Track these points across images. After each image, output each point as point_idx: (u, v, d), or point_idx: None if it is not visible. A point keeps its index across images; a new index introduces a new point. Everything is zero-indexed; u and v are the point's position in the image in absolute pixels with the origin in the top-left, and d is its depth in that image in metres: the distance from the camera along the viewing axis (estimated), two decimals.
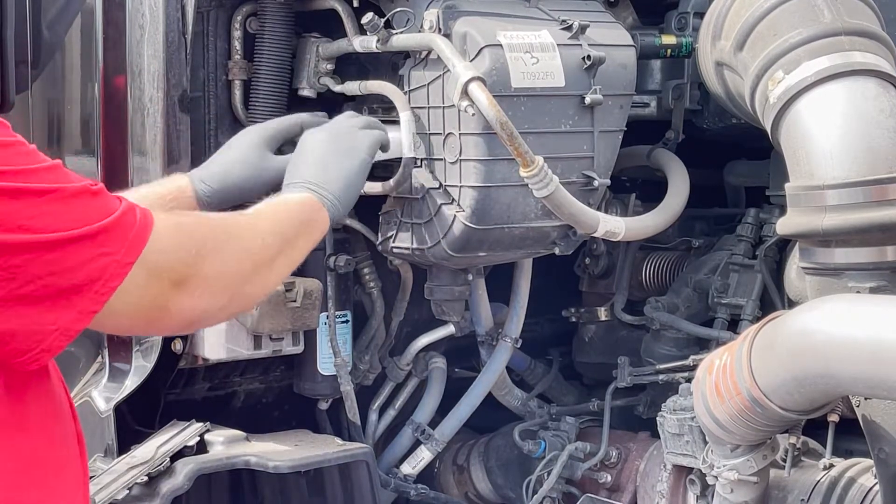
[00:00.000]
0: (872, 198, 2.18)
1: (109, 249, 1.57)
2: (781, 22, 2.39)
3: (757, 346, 2.17)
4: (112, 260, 1.57)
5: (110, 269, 1.57)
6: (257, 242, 1.88)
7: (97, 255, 1.56)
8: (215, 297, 1.77)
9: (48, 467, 1.66)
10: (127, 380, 2.68)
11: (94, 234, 1.55)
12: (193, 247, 1.73)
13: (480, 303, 2.98)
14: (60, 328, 1.56)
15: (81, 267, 1.54)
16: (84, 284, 1.55)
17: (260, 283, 1.89)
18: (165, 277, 1.67)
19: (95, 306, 1.57)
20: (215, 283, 1.76)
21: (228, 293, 1.79)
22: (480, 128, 2.43)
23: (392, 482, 2.96)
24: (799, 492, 2.41)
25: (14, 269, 1.50)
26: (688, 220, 3.10)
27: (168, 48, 2.58)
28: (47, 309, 1.54)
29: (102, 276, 1.56)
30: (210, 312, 1.78)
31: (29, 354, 1.56)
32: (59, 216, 1.53)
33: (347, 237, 2.84)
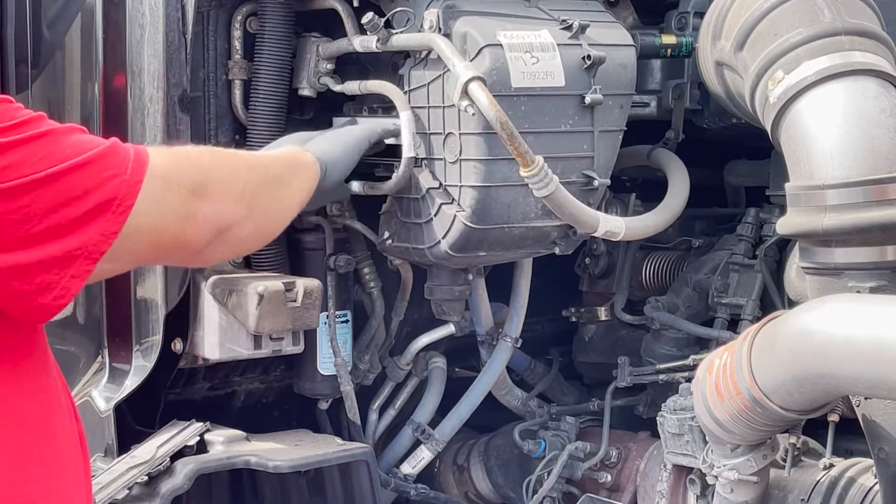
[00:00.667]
0: (873, 197, 2.18)
1: (115, 171, 1.62)
2: (781, 22, 2.39)
3: (757, 345, 2.17)
4: (121, 181, 1.62)
5: (123, 189, 1.62)
6: (258, 161, 2.04)
7: (104, 178, 1.60)
8: (234, 204, 1.85)
9: (47, 464, 1.66)
10: (127, 379, 2.68)
11: (94, 159, 1.60)
12: (196, 161, 1.82)
13: (480, 302, 2.98)
14: (85, 252, 1.59)
15: (92, 192, 1.59)
16: (100, 206, 1.59)
17: (274, 197, 2.01)
18: (182, 187, 1.73)
19: (116, 226, 1.61)
20: (230, 188, 1.85)
21: (245, 200, 1.88)
22: (480, 127, 2.43)
23: (392, 482, 2.96)
24: (799, 491, 2.41)
25: (25, 209, 1.54)
26: (688, 220, 3.10)
27: (168, 48, 2.58)
28: (69, 237, 1.57)
29: (117, 196, 1.61)
30: (234, 219, 1.85)
31: (59, 286, 1.58)
32: (55, 153, 1.57)
33: (347, 237, 2.84)
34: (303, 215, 2.76)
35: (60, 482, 1.69)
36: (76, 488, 1.72)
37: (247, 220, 1.89)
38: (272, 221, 2.07)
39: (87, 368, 2.79)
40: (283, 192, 2.09)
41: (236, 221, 1.86)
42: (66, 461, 1.71)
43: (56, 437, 1.69)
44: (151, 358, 2.65)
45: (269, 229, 2.08)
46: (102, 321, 2.76)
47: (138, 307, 2.68)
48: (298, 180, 2.20)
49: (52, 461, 1.68)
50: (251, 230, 1.93)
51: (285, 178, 2.13)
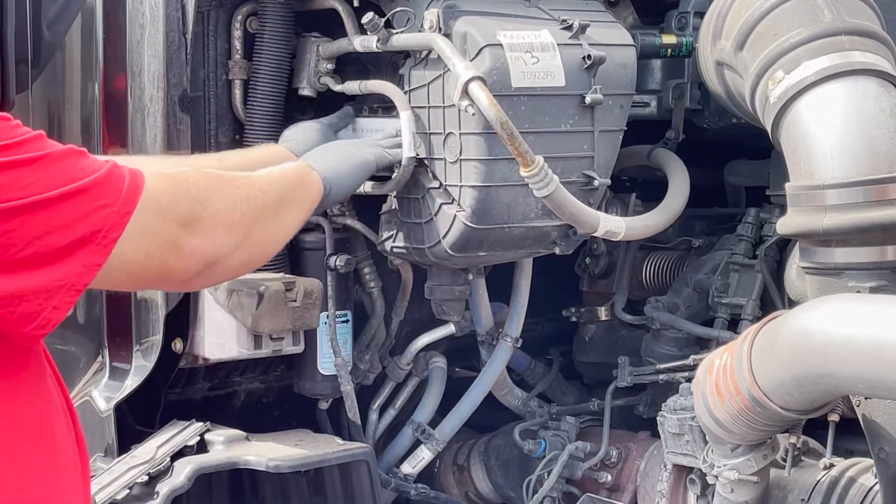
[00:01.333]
0: (873, 197, 2.18)
1: (105, 202, 1.59)
2: (781, 22, 2.39)
3: (757, 345, 2.17)
4: (110, 211, 1.59)
5: (110, 221, 1.59)
6: (257, 188, 1.96)
7: (93, 208, 1.58)
8: (226, 235, 1.81)
9: (45, 470, 1.66)
10: (127, 379, 2.68)
11: (85, 188, 1.58)
12: (194, 190, 1.78)
13: (481, 302, 2.98)
14: (67, 283, 1.57)
15: (78, 222, 1.56)
16: (85, 238, 1.57)
17: (269, 228, 1.95)
18: (172, 218, 1.70)
19: (100, 258, 1.59)
20: (223, 220, 1.81)
21: (239, 232, 1.84)
22: (481, 127, 2.43)
23: (392, 482, 2.96)
24: (799, 491, 2.41)
25: (9, 233, 1.52)
26: (688, 220, 3.10)
27: (168, 48, 2.58)
28: (52, 267, 1.55)
29: (103, 228, 1.59)
30: (224, 251, 1.81)
31: (40, 317, 1.57)
32: (48, 179, 1.55)
33: (348, 237, 2.84)
34: None
35: (58, 489, 1.68)
36: (74, 494, 1.72)
37: (238, 250, 1.85)
38: (264, 251, 2.02)
39: (88, 368, 2.79)
40: (280, 221, 2.04)
41: (226, 253, 1.82)
42: (64, 467, 1.70)
43: (54, 443, 1.69)
44: (152, 358, 2.65)
45: (260, 258, 2.03)
46: (103, 321, 2.76)
47: (138, 307, 2.68)
48: (297, 205, 2.15)
49: (50, 468, 1.67)
50: (242, 261, 1.90)
51: (285, 204, 2.07)
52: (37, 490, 1.65)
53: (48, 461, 1.67)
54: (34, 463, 1.65)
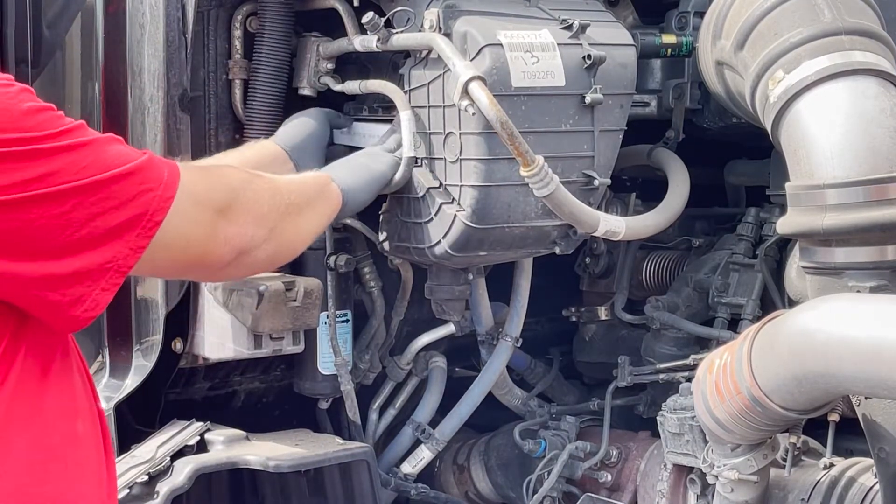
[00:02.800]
0: (873, 197, 2.18)
1: (149, 185, 1.65)
2: (782, 21, 2.39)
3: (757, 345, 2.17)
4: (154, 195, 1.65)
5: (155, 203, 1.65)
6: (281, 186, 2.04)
7: (139, 191, 1.63)
8: (257, 226, 1.89)
9: (68, 462, 1.69)
10: (127, 379, 2.68)
11: (132, 171, 1.63)
12: (225, 180, 1.86)
13: (481, 302, 2.98)
14: (115, 265, 1.62)
15: (126, 204, 1.61)
16: (132, 220, 1.62)
17: (293, 224, 2.03)
18: (209, 206, 1.77)
19: (144, 241, 1.64)
20: (255, 211, 1.89)
21: (268, 224, 1.92)
22: (481, 127, 2.43)
23: (392, 481, 2.96)
24: (799, 491, 2.41)
25: (66, 215, 1.57)
26: (688, 220, 3.10)
27: (168, 47, 2.58)
28: (102, 249, 1.60)
29: (148, 211, 1.64)
30: (255, 241, 1.88)
31: (90, 299, 1.61)
32: (98, 162, 1.60)
33: (348, 236, 2.84)
34: None
35: (80, 483, 1.70)
36: (96, 490, 1.73)
37: (266, 243, 1.92)
38: (289, 248, 2.10)
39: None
40: (303, 222, 2.12)
41: (257, 244, 1.89)
42: (87, 462, 1.73)
43: (78, 438, 1.71)
44: (152, 357, 2.65)
45: (285, 255, 2.10)
46: (103, 321, 2.76)
47: (138, 307, 2.68)
48: (318, 211, 2.23)
49: (73, 461, 1.70)
50: (269, 254, 1.96)
51: (308, 205, 2.16)
52: (58, 482, 1.67)
53: (72, 455, 1.70)
54: (57, 455, 1.67)
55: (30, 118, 1.56)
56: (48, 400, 1.67)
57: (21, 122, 1.55)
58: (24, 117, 1.56)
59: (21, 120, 1.55)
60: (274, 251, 1.98)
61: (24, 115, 1.56)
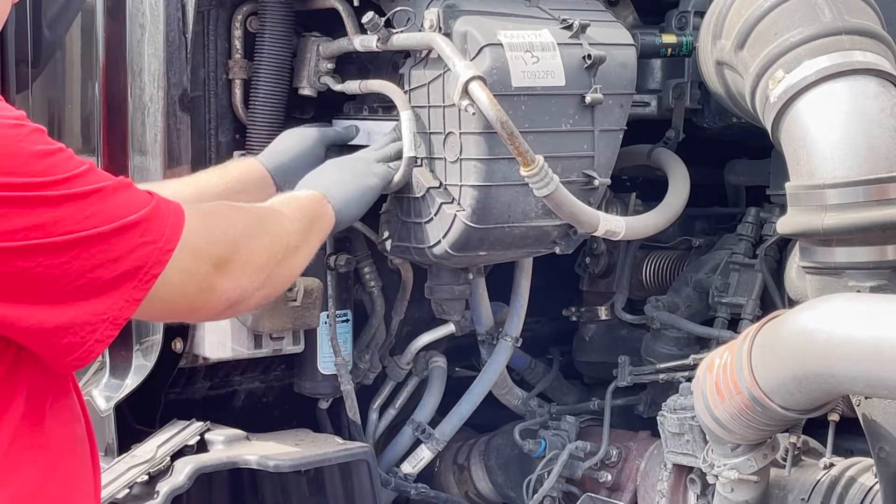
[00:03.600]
0: (873, 197, 2.18)
1: (150, 238, 1.63)
2: (782, 21, 2.39)
3: (757, 345, 2.17)
4: (154, 248, 1.63)
5: (153, 257, 1.63)
6: (284, 228, 2.02)
7: (139, 243, 1.62)
8: (252, 278, 1.86)
9: (63, 481, 1.69)
10: (127, 379, 2.68)
11: (135, 223, 1.62)
12: (228, 230, 1.83)
13: (481, 302, 2.98)
14: (110, 317, 1.60)
15: (126, 256, 1.60)
16: (129, 272, 1.61)
17: (287, 267, 2.00)
18: (207, 260, 1.75)
19: (140, 293, 1.62)
20: (252, 263, 1.86)
21: (264, 274, 1.89)
22: (481, 127, 2.43)
23: (392, 481, 2.96)
24: (799, 491, 2.41)
25: (64, 265, 1.55)
26: (688, 220, 3.10)
27: (168, 47, 2.58)
28: (97, 300, 1.59)
29: (146, 264, 1.62)
30: (248, 292, 1.86)
31: (83, 348, 1.60)
32: (104, 212, 1.59)
33: (348, 236, 2.84)
34: None
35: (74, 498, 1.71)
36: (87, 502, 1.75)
37: (259, 291, 1.90)
38: (281, 287, 2.08)
39: (88, 368, 2.79)
40: (298, 261, 2.08)
41: (251, 294, 1.88)
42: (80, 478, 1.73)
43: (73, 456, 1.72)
44: (152, 357, 2.65)
45: (276, 294, 2.08)
46: None
47: None
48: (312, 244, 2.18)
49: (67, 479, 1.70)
50: (260, 299, 1.95)
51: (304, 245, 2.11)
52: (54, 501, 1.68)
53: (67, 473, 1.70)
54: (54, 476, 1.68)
55: (38, 162, 1.54)
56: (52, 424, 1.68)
57: (29, 167, 1.53)
58: (33, 161, 1.54)
59: (29, 164, 1.53)
60: (266, 295, 1.96)
61: (33, 158, 1.54)
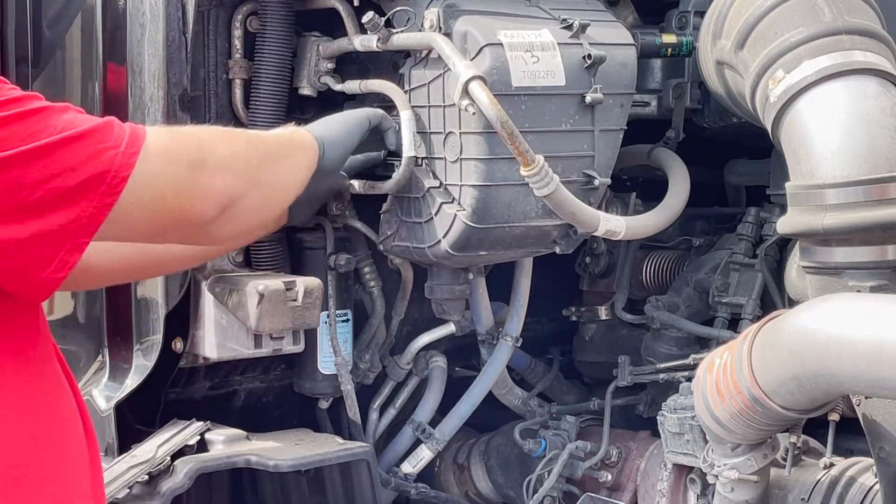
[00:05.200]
0: (873, 197, 2.18)
1: (109, 144, 1.64)
2: (782, 21, 2.39)
3: (758, 344, 2.17)
4: (116, 153, 1.64)
5: (117, 161, 1.64)
6: (259, 136, 2.03)
7: (98, 150, 1.62)
8: (235, 179, 1.86)
9: (53, 447, 1.69)
10: (127, 379, 2.68)
11: (88, 132, 1.63)
12: (195, 139, 1.83)
13: (481, 302, 2.98)
14: (81, 223, 1.61)
15: (85, 163, 1.61)
16: (94, 178, 1.61)
17: (272, 174, 2.00)
18: (181, 162, 1.76)
19: (110, 198, 1.62)
20: (231, 165, 1.86)
21: (247, 174, 1.89)
22: (481, 127, 2.43)
23: (392, 481, 2.96)
24: (799, 491, 2.41)
25: (16, 178, 1.56)
26: (688, 219, 3.10)
27: (168, 47, 2.58)
28: (65, 210, 1.60)
29: (111, 169, 1.63)
30: (235, 193, 1.85)
31: (57, 258, 1.61)
32: (47, 128, 1.60)
33: (348, 236, 2.84)
34: None
35: (65, 466, 1.71)
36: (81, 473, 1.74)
37: (250, 194, 1.89)
38: (274, 196, 2.06)
39: (88, 368, 2.79)
40: (284, 167, 2.09)
41: (240, 195, 1.86)
42: (70, 445, 1.73)
43: (63, 424, 1.72)
44: (152, 357, 2.65)
45: (272, 205, 2.07)
46: (103, 320, 2.76)
47: (139, 306, 2.68)
48: (297, 156, 2.19)
49: (58, 447, 1.70)
50: (255, 203, 1.93)
51: (285, 153, 2.12)
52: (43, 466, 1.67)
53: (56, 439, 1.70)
54: (44, 441, 1.68)
55: None
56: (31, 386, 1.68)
57: None
58: None
59: None
60: (260, 200, 1.95)
61: None
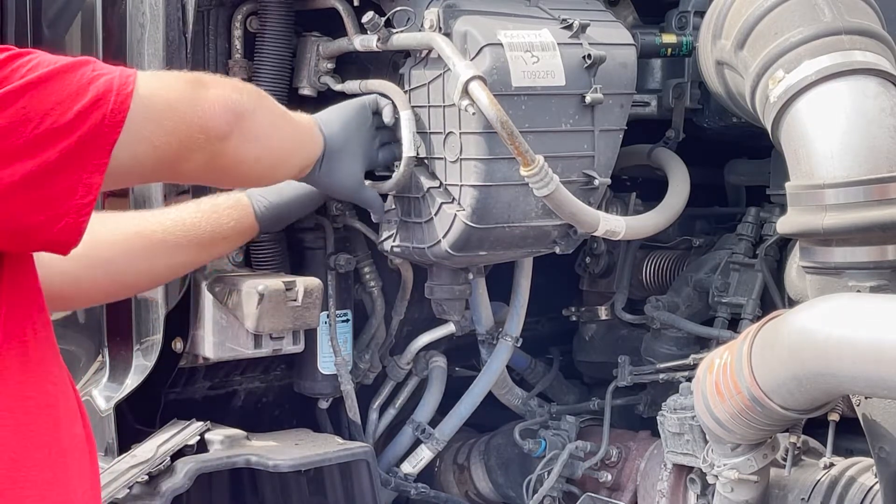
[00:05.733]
0: (873, 197, 2.18)
1: (105, 71, 1.66)
2: (782, 21, 2.40)
3: (757, 344, 2.17)
4: (113, 76, 1.65)
5: (118, 80, 1.65)
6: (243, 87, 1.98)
7: (96, 75, 1.64)
8: (239, 93, 1.87)
9: (51, 450, 1.68)
10: (127, 379, 2.68)
11: (82, 63, 1.65)
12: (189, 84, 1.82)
13: (481, 302, 2.98)
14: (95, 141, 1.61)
15: (87, 87, 1.62)
16: (97, 99, 1.62)
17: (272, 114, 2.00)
18: (179, 81, 1.78)
19: (120, 114, 1.63)
20: (226, 84, 1.88)
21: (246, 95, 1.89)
22: (481, 127, 2.43)
23: (392, 481, 2.96)
24: (799, 491, 2.41)
25: (21, 111, 1.56)
26: (688, 219, 3.10)
27: (168, 47, 2.58)
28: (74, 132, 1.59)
29: (111, 88, 1.64)
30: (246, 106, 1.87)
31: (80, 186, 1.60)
32: (42, 64, 1.61)
33: (348, 236, 2.84)
34: None
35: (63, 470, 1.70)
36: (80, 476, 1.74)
37: (258, 111, 1.90)
38: (282, 122, 2.07)
39: (88, 368, 2.79)
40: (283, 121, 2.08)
41: (249, 109, 1.87)
42: (70, 450, 1.73)
43: (60, 425, 1.71)
44: (152, 357, 2.65)
45: (284, 131, 2.07)
46: (103, 320, 2.76)
47: (138, 306, 2.68)
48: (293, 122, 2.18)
49: (56, 448, 1.70)
50: (269, 120, 1.94)
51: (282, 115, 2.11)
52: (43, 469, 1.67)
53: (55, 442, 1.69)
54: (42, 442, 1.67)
55: None
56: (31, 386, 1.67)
57: None
58: None
59: None
60: (271, 120, 1.96)
61: None
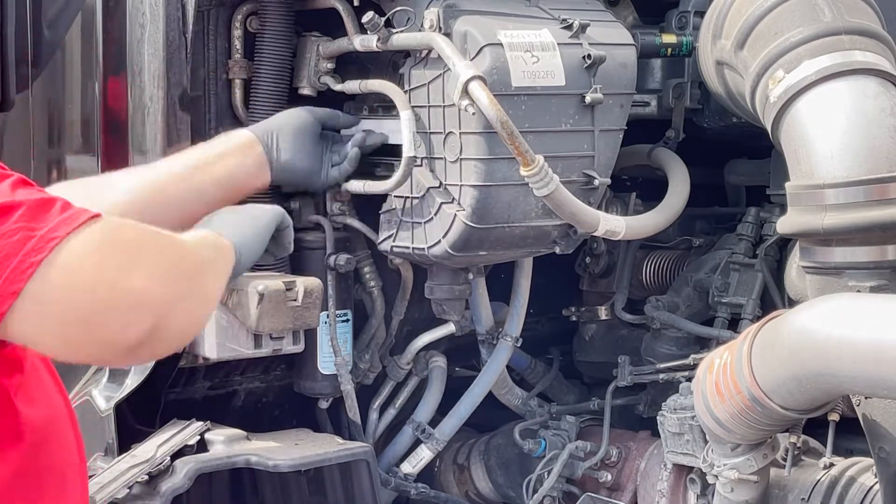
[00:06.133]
0: (873, 197, 2.18)
1: (33, 225, 1.51)
2: (782, 21, 2.40)
3: (757, 344, 2.17)
4: (40, 235, 1.51)
5: (37, 244, 1.50)
6: (182, 244, 1.79)
7: (18, 227, 1.50)
8: (170, 284, 1.66)
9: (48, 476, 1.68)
10: (127, 379, 2.68)
11: (16, 205, 1.51)
12: (125, 258, 1.63)
13: (481, 302, 2.98)
14: None
15: None
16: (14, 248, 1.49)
17: (203, 282, 1.79)
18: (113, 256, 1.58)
19: (35, 256, 1.49)
20: (163, 263, 1.67)
21: (180, 282, 1.69)
22: (481, 127, 2.43)
23: (392, 481, 2.96)
24: (799, 491, 2.41)
25: None
26: (688, 219, 3.10)
27: (168, 47, 2.58)
28: None
29: (23, 249, 1.50)
30: (166, 310, 1.63)
31: None
32: None
33: (348, 236, 2.84)
34: (302, 214, 2.76)
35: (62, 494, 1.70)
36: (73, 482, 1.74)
37: (180, 307, 1.67)
38: (204, 305, 1.80)
39: (88, 368, 2.79)
40: (210, 277, 1.84)
41: (169, 311, 1.64)
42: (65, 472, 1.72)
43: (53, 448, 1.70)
44: None
45: (202, 314, 1.81)
46: None
47: None
48: (218, 266, 1.92)
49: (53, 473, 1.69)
50: (191, 312, 1.71)
51: (210, 260, 1.87)
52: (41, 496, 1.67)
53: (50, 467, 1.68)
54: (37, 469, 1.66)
55: None
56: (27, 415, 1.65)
57: None
58: None
59: None
60: (193, 309, 1.71)
61: None
